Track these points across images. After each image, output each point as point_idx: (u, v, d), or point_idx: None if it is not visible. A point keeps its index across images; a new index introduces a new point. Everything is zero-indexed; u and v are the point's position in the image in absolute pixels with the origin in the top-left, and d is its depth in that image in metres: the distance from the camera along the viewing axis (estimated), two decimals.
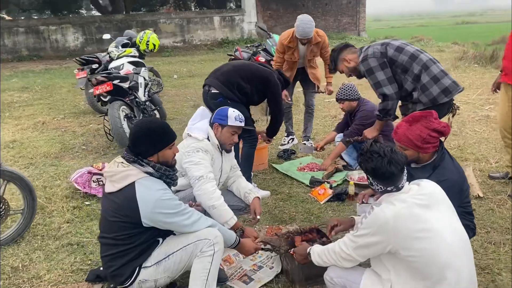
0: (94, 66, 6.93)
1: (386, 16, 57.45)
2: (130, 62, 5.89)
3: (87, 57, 7.09)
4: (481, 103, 6.85)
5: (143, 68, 6.08)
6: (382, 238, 1.97)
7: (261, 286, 2.74)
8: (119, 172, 2.26)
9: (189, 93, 9.13)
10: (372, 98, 4.45)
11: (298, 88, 5.63)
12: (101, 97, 5.36)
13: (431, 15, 58.99)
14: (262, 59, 7.03)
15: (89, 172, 4.19)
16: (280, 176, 4.50)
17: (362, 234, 2.04)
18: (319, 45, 4.96)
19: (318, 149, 4.74)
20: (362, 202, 2.85)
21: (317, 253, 2.33)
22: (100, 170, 4.33)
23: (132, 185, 2.23)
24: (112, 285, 2.77)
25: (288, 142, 5.45)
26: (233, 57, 8.31)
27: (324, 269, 2.71)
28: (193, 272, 2.32)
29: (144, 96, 5.91)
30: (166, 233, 2.43)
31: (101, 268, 2.90)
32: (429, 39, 17.39)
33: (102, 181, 4.19)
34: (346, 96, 4.49)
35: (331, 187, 3.99)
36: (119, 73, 5.45)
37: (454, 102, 3.35)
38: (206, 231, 2.37)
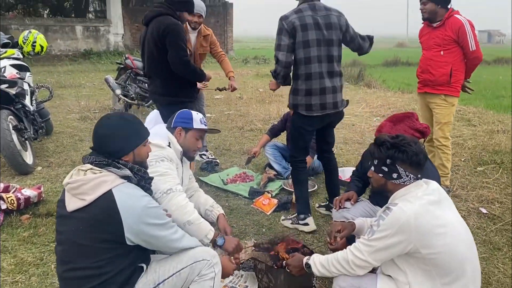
0: None
1: (245, 38, 60.68)
2: (13, 65, 4.97)
3: None
4: (368, 115, 7.54)
5: (28, 73, 5.19)
6: (403, 238, 1.92)
7: None
8: (90, 180, 1.80)
9: (67, 104, 8.14)
10: None
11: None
12: None
13: None
14: None
15: None
16: (211, 189, 4.21)
17: (380, 237, 1.96)
18: (207, 39, 4.82)
19: (256, 155, 4.60)
20: (340, 208, 2.79)
21: (320, 263, 2.17)
22: None
23: (108, 194, 1.79)
24: None
25: (208, 157, 5.12)
26: (122, 66, 7.74)
27: (306, 281, 2.61)
28: None
29: (32, 105, 5.04)
30: (148, 258, 2.03)
31: None
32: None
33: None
34: None
35: (271, 197, 3.88)
36: (5, 77, 4.55)
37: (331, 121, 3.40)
38: (201, 250, 2.04)
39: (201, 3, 4.45)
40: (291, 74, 3.30)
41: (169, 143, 2.65)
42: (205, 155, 5.05)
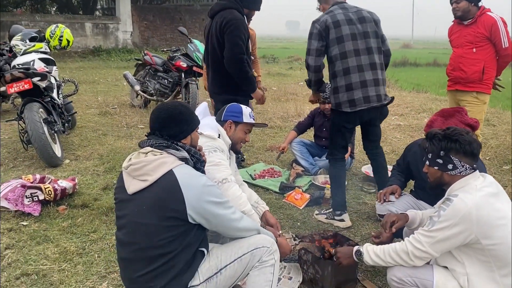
0: None
1: None
2: (41, 59, 5.00)
3: None
4: None
5: (54, 67, 5.22)
6: (464, 228, 1.94)
7: None
8: (151, 161, 1.85)
9: (85, 100, 8.18)
10: None
11: None
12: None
13: (287, 39, 64.31)
14: (183, 64, 6.68)
15: (23, 186, 3.38)
16: None
17: (441, 228, 1.98)
18: (252, 38, 4.68)
19: (284, 151, 4.63)
20: (384, 201, 2.81)
21: (374, 252, 2.19)
22: (32, 183, 3.54)
23: (170, 173, 1.85)
24: None
25: None
26: (141, 62, 7.76)
27: (351, 273, 2.63)
28: (253, 286, 2.00)
29: (59, 98, 5.07)
30: (207, 243, 2.05)
31: None
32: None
33: (37, 196, 3.42)
34: None
35: (302, 192, 3.90)
36: (36, 70, 4.58)
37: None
38: (260, 237, 2.07)
39: None
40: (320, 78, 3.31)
41: (219, 135, 2.68)
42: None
